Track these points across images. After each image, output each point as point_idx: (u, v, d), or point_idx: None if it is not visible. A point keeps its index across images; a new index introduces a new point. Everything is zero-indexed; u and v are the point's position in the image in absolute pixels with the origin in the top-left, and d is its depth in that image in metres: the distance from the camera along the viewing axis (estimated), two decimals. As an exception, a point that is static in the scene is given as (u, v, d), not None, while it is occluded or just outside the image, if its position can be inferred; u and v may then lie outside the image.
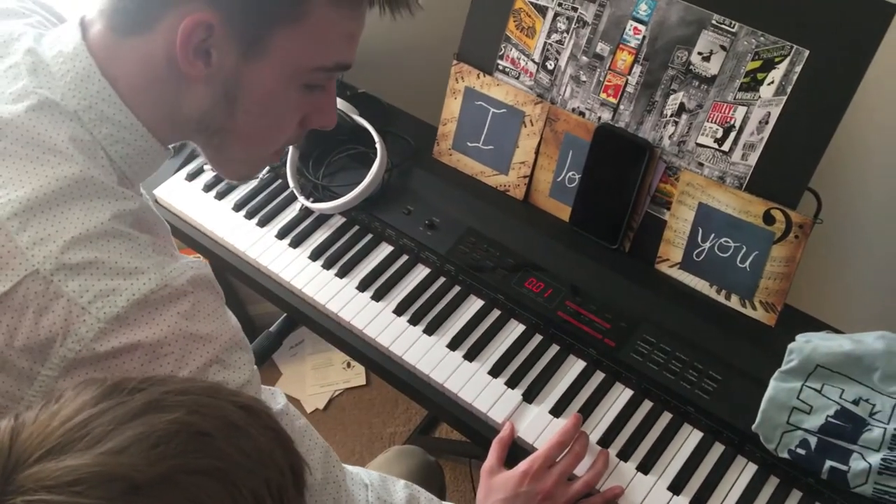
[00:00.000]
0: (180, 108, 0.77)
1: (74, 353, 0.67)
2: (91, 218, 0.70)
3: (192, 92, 0.75)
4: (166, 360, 0.70)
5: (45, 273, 0.67)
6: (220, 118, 0.78)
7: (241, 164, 0.86)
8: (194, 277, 0.74)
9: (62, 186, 0.70)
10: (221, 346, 0.74)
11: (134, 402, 0.52)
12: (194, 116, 0.78)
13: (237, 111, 0.77)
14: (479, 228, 1.31)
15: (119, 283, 0.69)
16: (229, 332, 0.76)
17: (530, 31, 1.31)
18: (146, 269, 0.71)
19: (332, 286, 1.29)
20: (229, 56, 0.73)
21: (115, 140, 0.76)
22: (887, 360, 1.06)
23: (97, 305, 0.68)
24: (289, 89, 0.77)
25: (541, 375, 1.18)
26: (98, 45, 0.75)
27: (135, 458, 0.49)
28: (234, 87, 0.75)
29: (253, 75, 0.75)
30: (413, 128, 1.47)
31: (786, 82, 1.13)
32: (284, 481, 0.55)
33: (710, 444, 1.11)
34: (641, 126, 1.25)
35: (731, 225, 1.18)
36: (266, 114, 0.78)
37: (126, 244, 0.71)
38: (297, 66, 0.76)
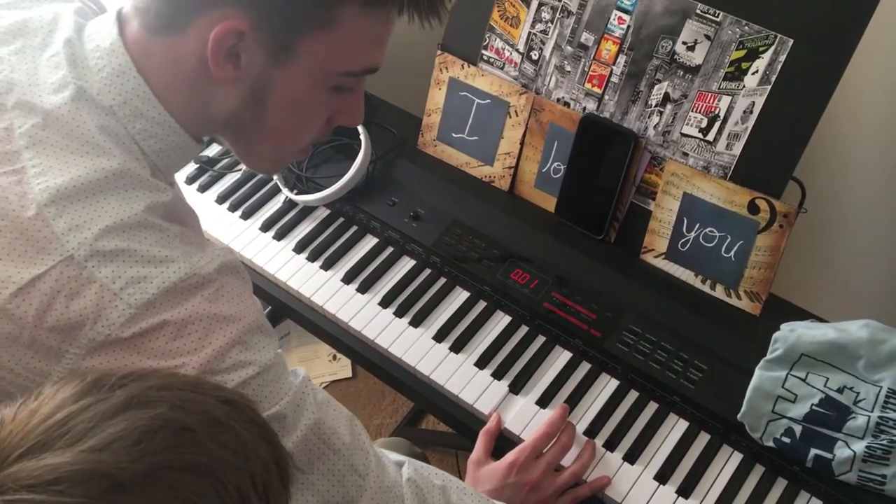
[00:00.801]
0: (209, 107, 0.78)
1: (104, 336, 0.69)
2: (125, 208, 0.72)
3: (220, 93, 0.77)
4: (189, 338, 0.72)
5: (79, 259, 0.69)
6: (248, 118, 0.79)
7: (268, 159, 0.88)
8: (221, 265, 0.76)
9: (100, 178, 0.72)
10: (244, 327, 0.75)
11: (115, 398, 0.51)
12: (222, 116, 0.79)
13: (265, 112, 0.78)
14: (465, 220, 1.30)
15: (150, 270, 0.71)
16: (252, 315, 0.77)
17: (515, 21, 1.31)
18: (176, 258, 0.73)
19: (317, 278, 1.28)
20: (258, 60, 0.74)
21: (148, 135, 0.77)
22: (871, 348, 1.07)
23: (129, 292, 0.70)
24: (317, 92, 0.79)
25: (527, 366, 1.18)
26: (133, 42, 0.77)
27: (117, 455, 0.48)
28: (262, 89, 0.77)
29: (281, 79, 0.76)
30: (397, 119, 1.46)
31: (770, 72, 1.13)
32: (269, 476, 0.55)
33: (696, 433, 1.11)
34: (626, 116, 1.24)
35: (716, 215, 1.18)
36: (293, 115, 0.80)
37: (157, 234, 0.73)
38: (325, 70, 0.77)
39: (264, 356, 0.77)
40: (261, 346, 0.77)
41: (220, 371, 0.73)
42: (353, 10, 0.74)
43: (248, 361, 0.75)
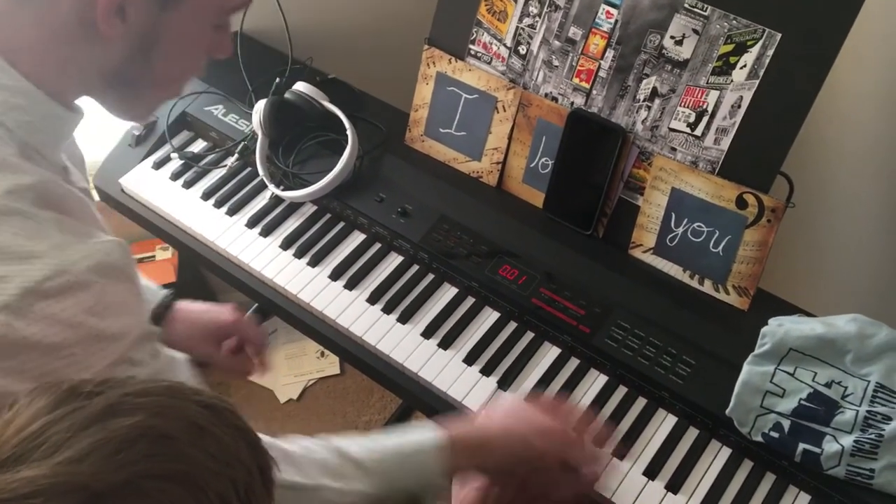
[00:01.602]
0: (91, 66, 0.76)
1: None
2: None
3: (105, 49, 0.75)
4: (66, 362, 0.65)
5: None
6: (135, 71, 0.78)
7: (150, 106, 0.87)
8: (99, 264, 0.68)
9: None
10: (130, 343, 0.70)
11: (92, 406, 0.50)
12: (107, 72, 0.77)
13: (153, 61, 0.78)
14: (453, 215, 1.30)
15: (8, 268, 0.63)
16: (138, 327, 0.72)
17: (502, 16, 1.30)
18: (42, 252, 0.65)
19: (304, 275, 1.28)
20: (145, 10, 0.74)
21: (9, 107, 0.71)
22: (859, 342, 1.07)
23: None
24: (201, 32, 0.80)
25: (516, 363, 1.17)
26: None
27: (95, 465, 0.47)
28: (150, 38, 0.76)
29: (171, 24, 0.76)
30: (384, 114, 1.45)
31: (758, 66, 1.13)
32: (252, 481, 0.54)
33: (685, 428, 1.11)
34: (614, 111, 1.24)
35: (704, 210, 1.18)
36: (182, 59, 0.81)
37: (21, 223, 0.65)
38: (208, 8, 0.78)
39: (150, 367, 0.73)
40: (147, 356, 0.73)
41: None
42: None
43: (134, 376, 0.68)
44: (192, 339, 1.17)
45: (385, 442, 0.91)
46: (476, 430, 0.96)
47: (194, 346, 1.15)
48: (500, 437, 0.94)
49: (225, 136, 1.43)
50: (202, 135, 1.48)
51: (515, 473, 0.96)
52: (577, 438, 1.01)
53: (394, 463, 0.88)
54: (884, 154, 1.34)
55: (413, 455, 0.89)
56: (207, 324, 1.19)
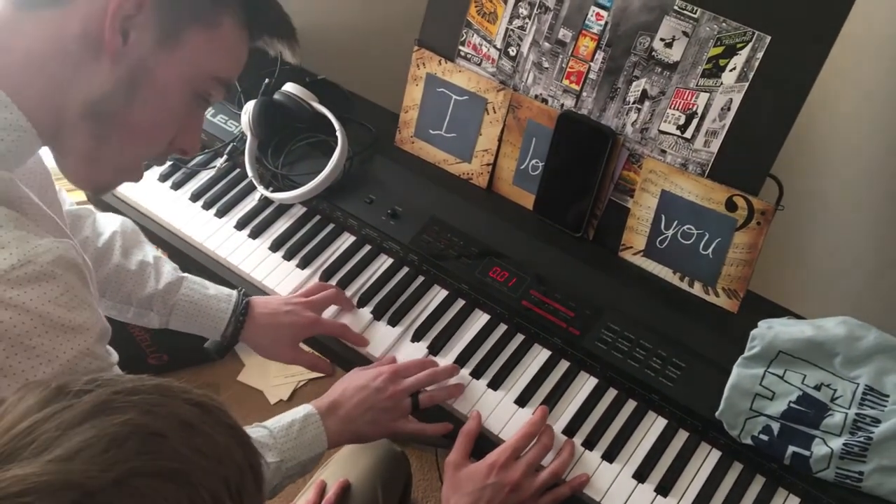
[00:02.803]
0: (76, 88, 0.77)
1: None
2: None
3: (96, 70, 0.76)
4: (34, 353, 0.67)
5: None
6: (115, 105, 0.78)
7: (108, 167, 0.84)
8: (61, 258, 0.70)
9: None
10: (93, 337, 0.71)
11: (82, 404, 0.49)
12: (88, 98, 0.77)
13: (134, 100, 0.79)
14: (443, 217, 1.29)
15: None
16: (99, 323, 0.74)
17: (492, 17, 1.30)
18: (6, 242, 0.67)
19: (294, 277, 1.27)
20: (146, 39, 0.76)
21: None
22: (848, 345, 1.07)
23: None
24: (187, 90, 0.82)
25: (505, 365, 1.17)
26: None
27: (86, 464, 0.46)
28: (141, 72, 0.77)
29: (161, 64, 0.78)
30: (374, 115, 1.45)
31: (748, 69, 1.13)
32: (243, 478, 0.54)
33: (675, 431, 1.11)
34: (604, 113, 1.24)
35: (694, 212, 1.18)
36: (160, 109, 0.81)
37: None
38: (200, 67, 0.81)
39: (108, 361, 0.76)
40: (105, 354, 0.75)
41: None
42: (233, 21, 0.82)
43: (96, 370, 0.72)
44: (278, 345, 1.18)
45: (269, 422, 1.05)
46: (326, 395, 1.11)
47: (281, 353, 1.19)
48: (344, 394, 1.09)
49: (214, 138, 1.43)
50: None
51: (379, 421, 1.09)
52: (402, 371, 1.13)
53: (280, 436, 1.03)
54: (873, 156, 1.34)
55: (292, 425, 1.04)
56: (291, 328, 1.17)
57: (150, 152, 0.86)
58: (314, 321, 1.18)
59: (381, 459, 1.29)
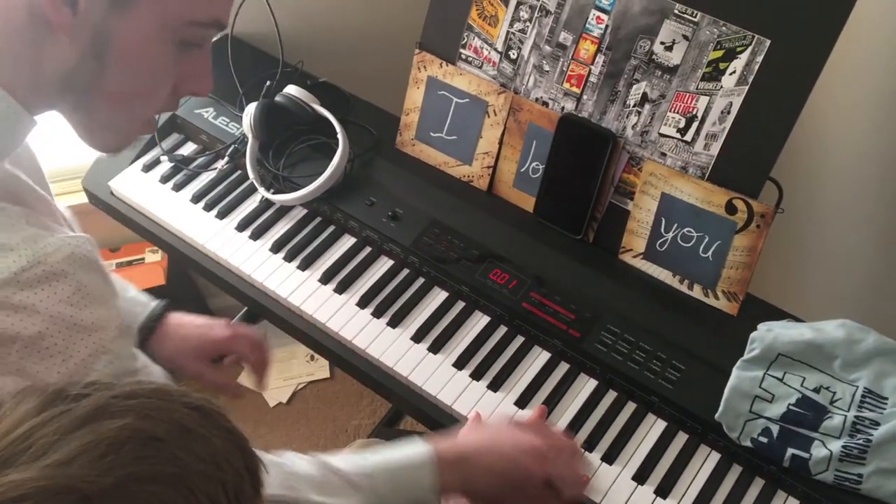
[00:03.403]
0: (43, 66, 0.71)
1: None
2: None
3: (56, 46, 0.70)
4: (48, 353, 0.66)
5: None
6: (88, 76, 0.72)
7: (111, 131, 0.79)
8: (73, 255, 0.68)
9: None
10: (108, 334, 0.70)
11: (79, 408, 0.49)
12: (59, 74, 0.72)
13: (106, 68, 0.71)
14: (443, 219, 1.30)
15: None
16: (115, 319, 0.71)
17: (493, 20, 1.30)
18: (16, 244, 0.65)
19: (294, 279, 1.27)
20: (97, 4, 0.68)
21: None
22: (847, 348, 1.08)
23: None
24: (161, 44, 0.72)
25: (505, 367, 1.17)
26: None
27: (83, 469, 0.46)
28: (103, 39, 0.70)
29: (122, 26, 0.70)
30: (375, 118, 1.45)
31: (747, 72, 1.13)
32: (241, 483, 0.54)
33: (674, 433, 1.11)
34: (605, 116, 1.24)
35: (694, 215, 1.19)
36: (137, 72, 0.73)
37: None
38: (169, 17, 0.71)
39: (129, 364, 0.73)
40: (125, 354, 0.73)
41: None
42: None
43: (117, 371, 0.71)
44: (181, 355, 1.13)
45: (373, 458, 0.91)
46: (457, 445, 0.96)
47: (183, 363, 1.14)
48: (481, 452, 0.96)
49: (215, 139, 1.43)
50: (192, 137, 1.47)
51: (503, 495, 0.96)
52: (561, 457, 1.02)
53: (381, 478, 0.89)
54: (873, 160, 1.34)
55: (400, 470, 0.90)
56: (199, 340, 1.15)
57: (150, 109, 0.78)
58: (228, 338, 1.16)
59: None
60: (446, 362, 1.18)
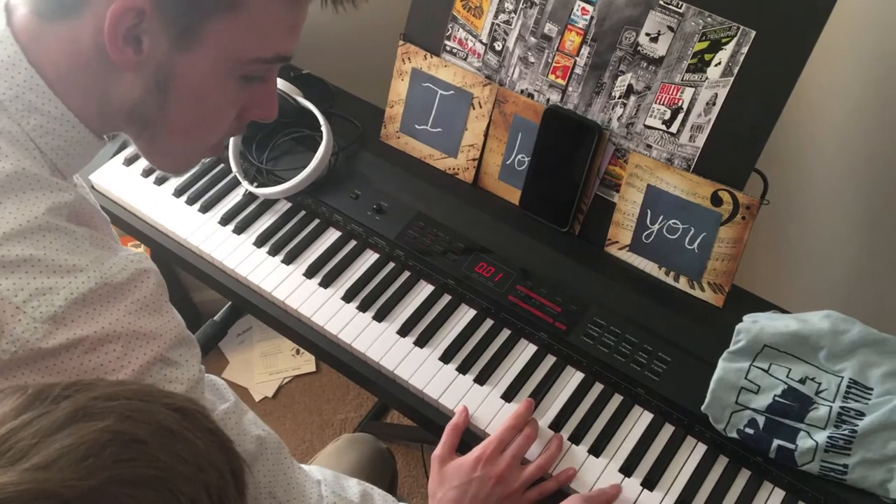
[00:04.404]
0: (110, 98, 0.73)
1: (10, 353, 0.65)
2: (25, 212, 0.67)
3: (121, 81, 0.72)
4: (107, 358, 0.68)
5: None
6: (152, 110, 0.74)
7: (175, 157, 0.83)
8: (136, 272, 0.71)
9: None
10: (167, 343, 0.72)
11: (59, 411, 0.49)
12: (124, 107, 0.74)
13: (169, 103, 0.74)
14: (429, 212, 1.29)
15: (56, 280, 0.66)
16: (175, 329, 0.74)
17: (477, 11, 1.29)
18: (85, 265, 0.68)
19: (279, 273, 1.26)
20: (161, 44, 0.70)
21: (44, 131, 0.72)
22: (832, 338, 1.08)
23: (33, 304, 0.65)
24: (225, 81, 0.74)
25: (492, 360, 1.17)
26: (23, 31, 0.71)
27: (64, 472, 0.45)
28: (166, 76, 0.72)
29: (185, 65, 0.71)
30: (359, 110, 1.44)
31: (733, 63, 1.13)
32: (225, 485, 0.53)
33: (661, 425, 1.12)
34: (590, 108, 1.24)
35: (680, 207, 1.18)
36: (200, 106, 0.75)
37: (62, 239, 0.68)
38: (233, 56, 0.72)
39: (188, 372, 0.74)
40: (184, 361, 0.74)
41: None
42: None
43: (173, 379, 0.72)
44: None
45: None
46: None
47: None
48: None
49: (197, 132, 1.41)
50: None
51: None
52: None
53: None
54: (857, 151, 1.35)
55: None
56: None
57: (214, 138, 0.80)
58: None
59: (367, 457, 1.28)
60: (433, 356, 1.17)
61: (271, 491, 0.87)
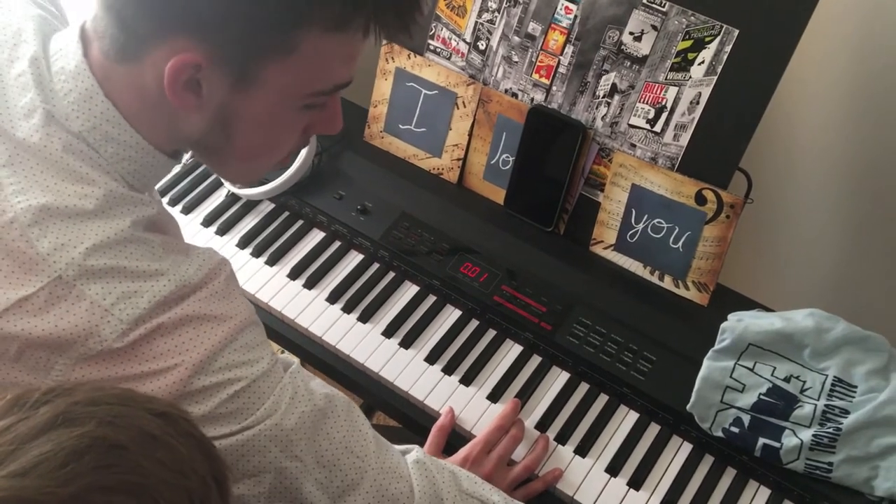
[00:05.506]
0: (178, 130, 0.77)
1: (96, 350, 0.69)
2: (111, 226, 0.72)
3: (187, 119, 0.75)
4: (180, 339, 0.72)
5: (67, 278, 0.69)
6: (218, 141, 0.77)
7: (243, 175, 0.90)
8: (210, 270, 0.76)
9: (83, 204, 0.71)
10: (237, 325, 0.75)
11: (39, 416, 0.48)
12: (192, 139, 0.78)
13: (234, 136, 0.77)
14: (413, 213, 1.28)
15: (140, 284, 0.71)
16: (244, 313, 0.77)
17: (461, 11, 1.29)
18: (165, 270, 0.73)
19: (262, 275, 1.25)
20: (220, 88, 0.72)
21: (121, 158, 0.76)
22: (816, 336, 1.08)
23: (120, 307, 0.70)
24: (286, 112, 0.76)
25: (477, 361, 1.17)
26: (97, 65, 0.74)
27: (43, 479, 0.45)
28: (228, 115, 0.74)
29: (246, 105, 0.74)
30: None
31: (716, 62, 1.13)
32: (207, 492, 0.52)
33: (646, 424, 1.12)
34: (574, 107, 1.24)
35: (664, 206, 1.18)
36: (264, 136, 0.78)
37: (143, 248, 0.74)
38: (292, 93, 0.74)
39: (258, 353, 0.77)
40: (254, 344, 0.77)
41: (214, 371, 0.73)
42: (315, 34, 0.70)
43: (242, 361, 0.75)
44: None
45: None
46: None
47: None
48: None
49: (179, 133, 1.40)
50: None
51: None
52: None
53: None
54: (840, 150, 1.35)
55: None
56: None
57: (280, 156, 0.83)
58: None
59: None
60: (418, 357, 1.17)
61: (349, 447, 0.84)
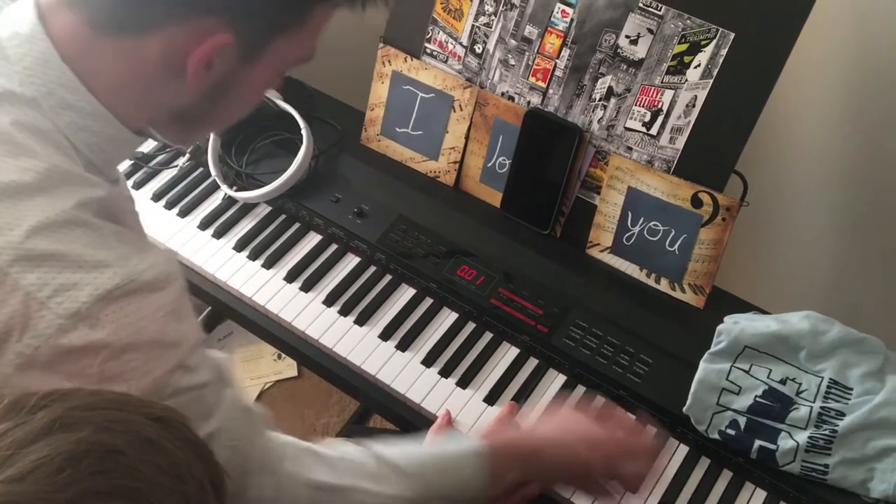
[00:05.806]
0: (161, 103, 0.76)
1: (32, 349, 0.64)
2: (53, 205, 0.66)
3: (179, 89, 0.74)
4: (129, 366, 0.67)
5: (1, 265, 0.64)
6: (201, 111, 0.77)
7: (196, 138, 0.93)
8: (161, 273, 0.71)
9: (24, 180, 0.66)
10: (186, 350, 0.71)
11: (35, 421, 0.47)
12: (172, 108, 0.77)
13: (219, 104, 0.77)
14: (410, 216, 1.28)
15: (81, 276, 0.66)
16: (194, 335, 0.74)
17: (458, 14, 1.29)
18: (111, 262, 0.67)
19: (259, 278, 1.25)
20: (230, 62, 0.73)
21: (78, 128, 0.72)
22: (812, 339, 1.09)
23: (57, 300, 0.64)
24: (273, 80, 0.79)
25: (474, 364, 1.17)
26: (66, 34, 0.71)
27: (39, 484, 0.44)
28: (226, 86, 0.75)
29: (245, 75, 0.75)
30: (340, 113, 1.44)
31: (712, 65, 1.13)
32: (205, 496, 0.52)
33: (643, 426, 1.11)
34: (571, 110, 1.24)
35: (660, 209, 1.19)
36: (245, 105, 0.80)
37: (89, 234, 0.68)
38: (286, 62, 0.78)
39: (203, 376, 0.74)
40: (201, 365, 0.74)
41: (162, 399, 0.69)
42: (326, 7, 0.74)
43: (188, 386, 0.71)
44: None
45: (425, 448, 0.96)
46: (522, 440, 0.99)
47: None
48: (546, 447, 0.97)
49: (176, 136, 1.40)
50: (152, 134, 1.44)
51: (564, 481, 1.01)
52: (627, 457, 1.00)
53: (432, 467, 0.91)
54: (837, 153, 1.36)
55: (452, 460, 0.92)
56: None
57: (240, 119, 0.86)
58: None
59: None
60: (414, 360, 1.17)
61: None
